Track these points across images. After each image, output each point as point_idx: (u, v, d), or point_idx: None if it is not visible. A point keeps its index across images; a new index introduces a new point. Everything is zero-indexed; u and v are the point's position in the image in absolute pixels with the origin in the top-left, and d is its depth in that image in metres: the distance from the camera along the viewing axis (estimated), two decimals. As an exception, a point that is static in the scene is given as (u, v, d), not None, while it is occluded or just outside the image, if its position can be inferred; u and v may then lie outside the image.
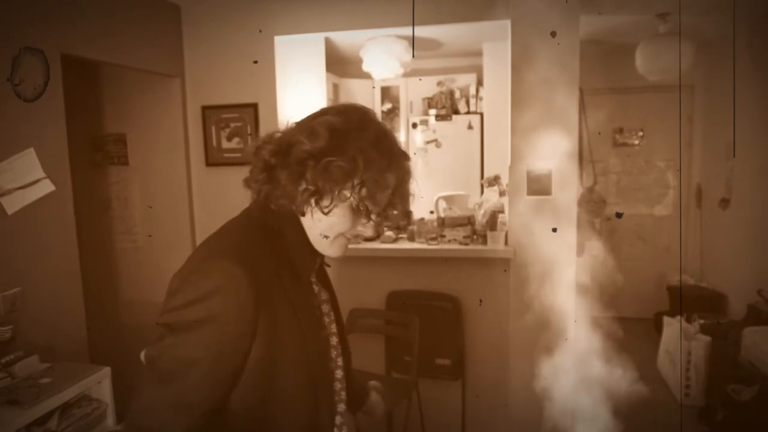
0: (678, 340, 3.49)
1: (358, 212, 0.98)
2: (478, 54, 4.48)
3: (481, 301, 2.84)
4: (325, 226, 0.98)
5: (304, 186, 0.93)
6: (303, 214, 0.98)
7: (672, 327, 3.67)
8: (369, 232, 1.05)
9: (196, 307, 0.88)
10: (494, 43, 4.26)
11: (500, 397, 2.89)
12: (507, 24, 2.85)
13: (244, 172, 3.42)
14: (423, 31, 3.69)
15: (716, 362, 3.27)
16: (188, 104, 3.19)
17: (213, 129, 3.16)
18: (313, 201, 0.94)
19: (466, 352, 2.98)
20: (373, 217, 0.99)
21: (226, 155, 3.17)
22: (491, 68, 4.36)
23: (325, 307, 1.11)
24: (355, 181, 0.93)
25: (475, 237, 3.01)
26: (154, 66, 2.99)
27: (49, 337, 2.17)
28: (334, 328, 1.12)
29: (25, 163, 2.15)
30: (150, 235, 3.28)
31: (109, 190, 3.34)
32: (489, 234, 2.93)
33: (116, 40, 2.68)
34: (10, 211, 2.08)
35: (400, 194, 1.02)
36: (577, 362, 2.99)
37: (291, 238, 1.00)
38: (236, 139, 3.14)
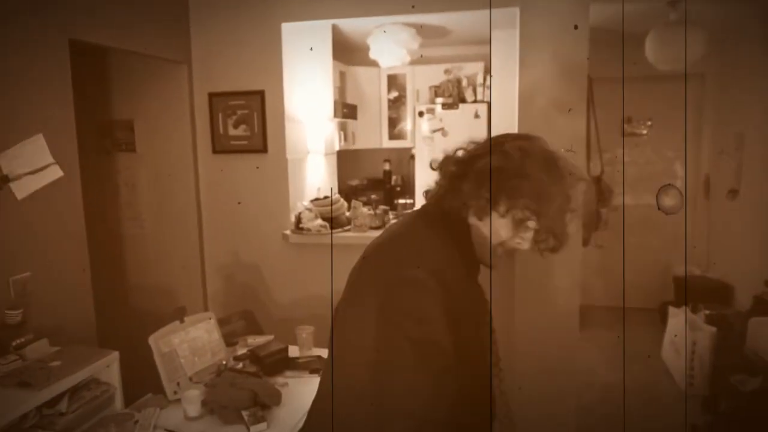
0: (683, 331, 3.49)
1: (519, 224, 1.08)
2: (486, 42, 4.45)
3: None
4: (489, 232, 1.09)
5: (484, 194, 1.05)
6: (480, 219, 1.09)
7: (677, 317, 3.67)
8: (526, 245, 1.11)
9: None
10: (502, 31, 4.21)
11: (504, 385, 2.90)
12: (516, 12, 2.82)
13: (250, 159, 3.43)
14: (430, 19, 3.66)
15: (721, 352, 3.27)
16: (195, 91, 3.19)
17: (220, 116, 3.16)
18: (488, 208, 1.06)
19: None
20: (533, 229, 1.08)
21: (232, 142, 3.17)
22: (499, 57, 4.32)
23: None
24: (532, 201, 1.05)
25: (480, 226, 3.01)
26: (161, 52, 2.99)
27: (58, 321, 2.20)
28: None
29: (34, 149, 2.16)
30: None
31: (117, 176, 3.36)
32: (495, 223, 2.93)
33: (124, 25, 2.68)
34: (19, 196, 2.10)
35: (561, 214, 1.08)
36: (582, 351, 3.00)
37: (464, 245, 1.11)
38: (243, 127, 3.14)
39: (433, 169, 1.19)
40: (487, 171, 1.04)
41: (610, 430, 2.97)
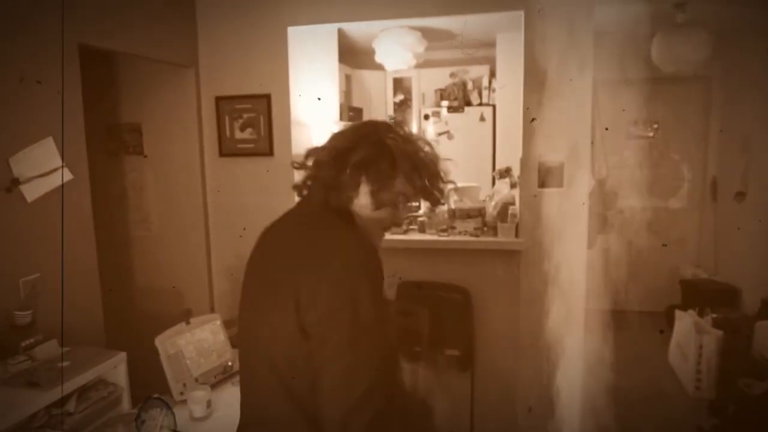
0: (690, 334, 3.47)
1: (398, 204, 1.19)
2: (492, 45, 4.46)
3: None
4: (373, 220, 1.17)
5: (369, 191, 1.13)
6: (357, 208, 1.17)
7: (684, 320, 3.65)
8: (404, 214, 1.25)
9: None
10: (508, 34, 4.23)
11: (509, 389, 2.91)
12: (521, 15, 2.83)
13: (257, 162, 3.45)
14: (436, 22, 3.68)
15: (728, 356, 3.25)
16: (202, 94, 3.22)
17: (227, 119, 3.19)
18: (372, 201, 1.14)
19: (475, 343, 2.99)
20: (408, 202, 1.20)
21: (239, 146, 3.19)
22: (504, 60, 4.33)
23: None
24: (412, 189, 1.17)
25: (485, 229, 3.02)
26: (168, 56, 3.02)
27: (67, 322, 2.22)
28: None
29: (43, 152, 2.19)
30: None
31: (125, 179, 3.39)
32: (500, 226, 2.94)
33: (131, 30, 2.70)
34: (29, 198, 2.13)
35: (434, 179, 1.22)
36: (587, 354, 2.99)
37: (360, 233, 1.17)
38: (249, 130, 3.17)
39: (295, 167, 1.24)
40: (364, 164, 1.12)
41: (617, 433, 2.96)
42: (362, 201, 1.14)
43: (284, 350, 1.06)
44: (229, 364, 2.15)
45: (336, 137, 1.19)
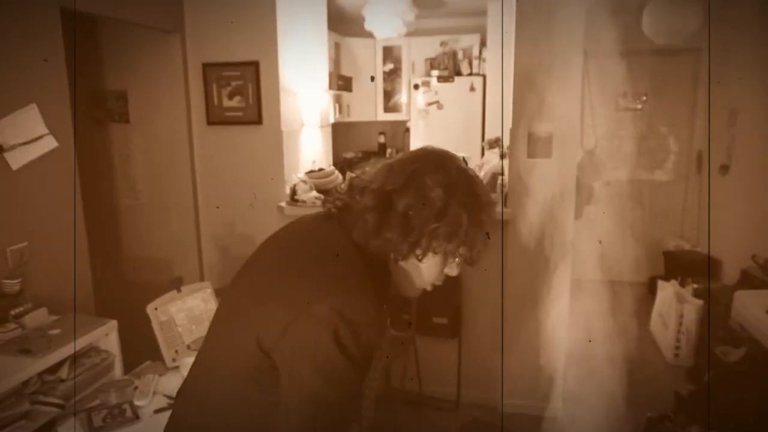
0: (671, 304, 3.56)
1: (445, 263, 1.06)
2: (483, 14, 4.40)
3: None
4: (416, 275, 1.06)
5: (408, 240, 0.99)
6: (403, 261, 1.04)
7: (666, 290, 3.74)
8: (454, 273, 1.09)
9: None
10: (499, 2, 4.18)
11: (495, 356, 2.97)
12: (512, -17, 2.80)
13: (244, 131, 3.42)
14: (427, -11, 3.62)
15: (707, 325, 3.34)
16: (189, 61, 3.16)
17: (214, 87, 3.14)
18: (415, 252, 1.01)
19: (462, 311, 3.04)
20: (465, 260, 1.05)
21: (227, 114, 3.15)
22: (495, 29, 4.29)
23: None
24: (459, 239, 1.00)
25: (474, 199, 3.04)
26: (153, 21, 2.95)
27: (56, 291, 2.23)
28: None
29: (28, 119, 2.15)
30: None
31: (111, 147, 3.35)
32: (488, 196, 2.95)
33: (115, -6, 2.64)
34: (14, 166, 2.10)
35: (482, 240, 1.04)
36: (571, 323, 3.06)
37: (387, 278, 1.08)
38: (237, 98, 3.12)
39: (336, 204, 1.10)
40: (409, 215, 0.98)
41: (599, 399, 3.06)
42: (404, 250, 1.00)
43: (243, 361, 0.99)
44: (220, 331, 2.17)
45: (384, 173, 1.03)
